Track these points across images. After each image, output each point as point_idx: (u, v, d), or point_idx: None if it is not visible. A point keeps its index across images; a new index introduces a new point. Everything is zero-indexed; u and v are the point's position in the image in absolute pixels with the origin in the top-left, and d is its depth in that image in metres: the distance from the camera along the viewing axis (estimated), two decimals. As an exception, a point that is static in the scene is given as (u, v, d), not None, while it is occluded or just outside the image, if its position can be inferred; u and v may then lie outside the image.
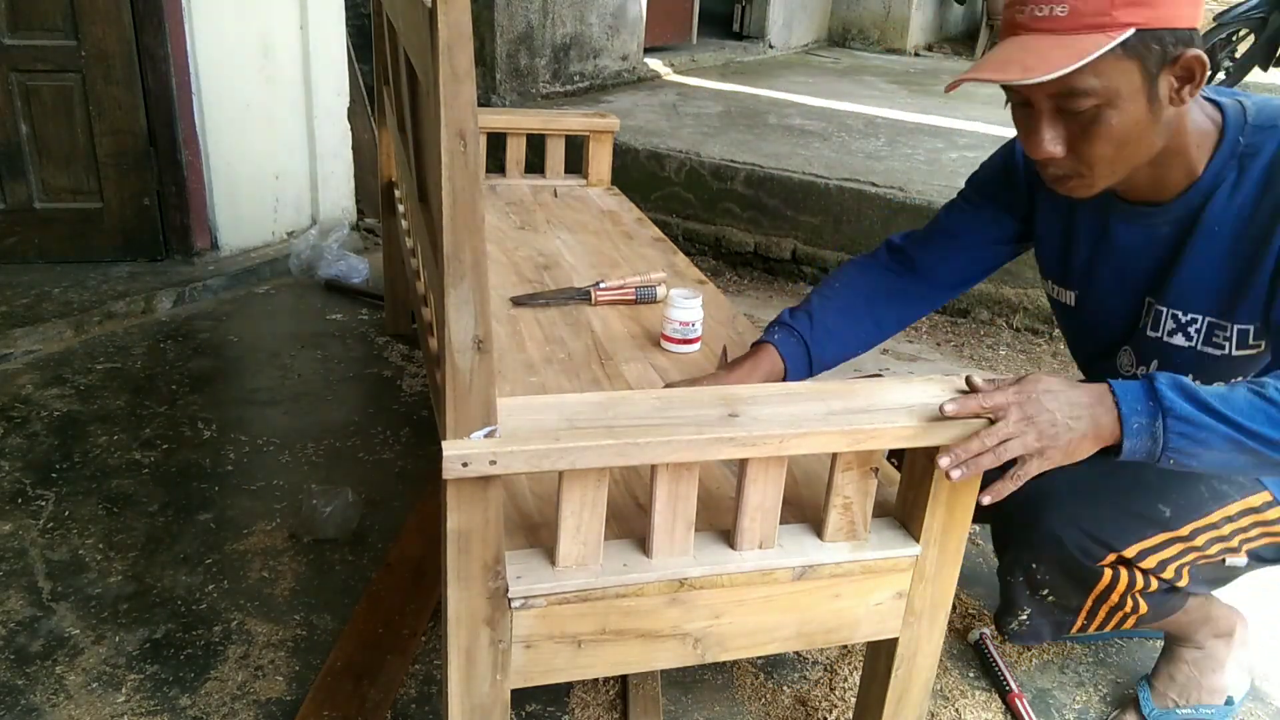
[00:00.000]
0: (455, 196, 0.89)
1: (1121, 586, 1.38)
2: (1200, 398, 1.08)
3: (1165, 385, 1.09)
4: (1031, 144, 1.21)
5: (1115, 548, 1.34)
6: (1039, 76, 1.11)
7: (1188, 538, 1.35)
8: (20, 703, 1.52)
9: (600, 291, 1.87)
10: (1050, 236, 1.48)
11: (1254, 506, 1.38)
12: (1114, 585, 1.38)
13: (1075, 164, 1.21)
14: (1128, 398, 1.09)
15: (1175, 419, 1.07)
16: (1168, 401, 1.07)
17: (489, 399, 0.97)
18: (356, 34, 3.85)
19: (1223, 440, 1.08)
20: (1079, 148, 1.19)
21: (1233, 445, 1.08)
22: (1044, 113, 1.18)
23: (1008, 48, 1.17)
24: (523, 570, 1.10)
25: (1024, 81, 1.13)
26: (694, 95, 5.00)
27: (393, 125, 2.25)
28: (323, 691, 1.55)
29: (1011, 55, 1.14)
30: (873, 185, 3.45)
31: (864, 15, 7.49)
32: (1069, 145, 1.19)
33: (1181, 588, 1.40)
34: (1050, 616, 1.45)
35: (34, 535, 1.92)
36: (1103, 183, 1.23)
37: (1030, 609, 1.43)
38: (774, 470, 1.12)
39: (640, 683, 1.60)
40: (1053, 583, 1.39)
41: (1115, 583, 1.37)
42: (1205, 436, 1.07)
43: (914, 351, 3.09)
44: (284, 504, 2.06)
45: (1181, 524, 1.35)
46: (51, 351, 2.68)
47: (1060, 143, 1.19)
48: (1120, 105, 1.14)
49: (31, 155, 2.99)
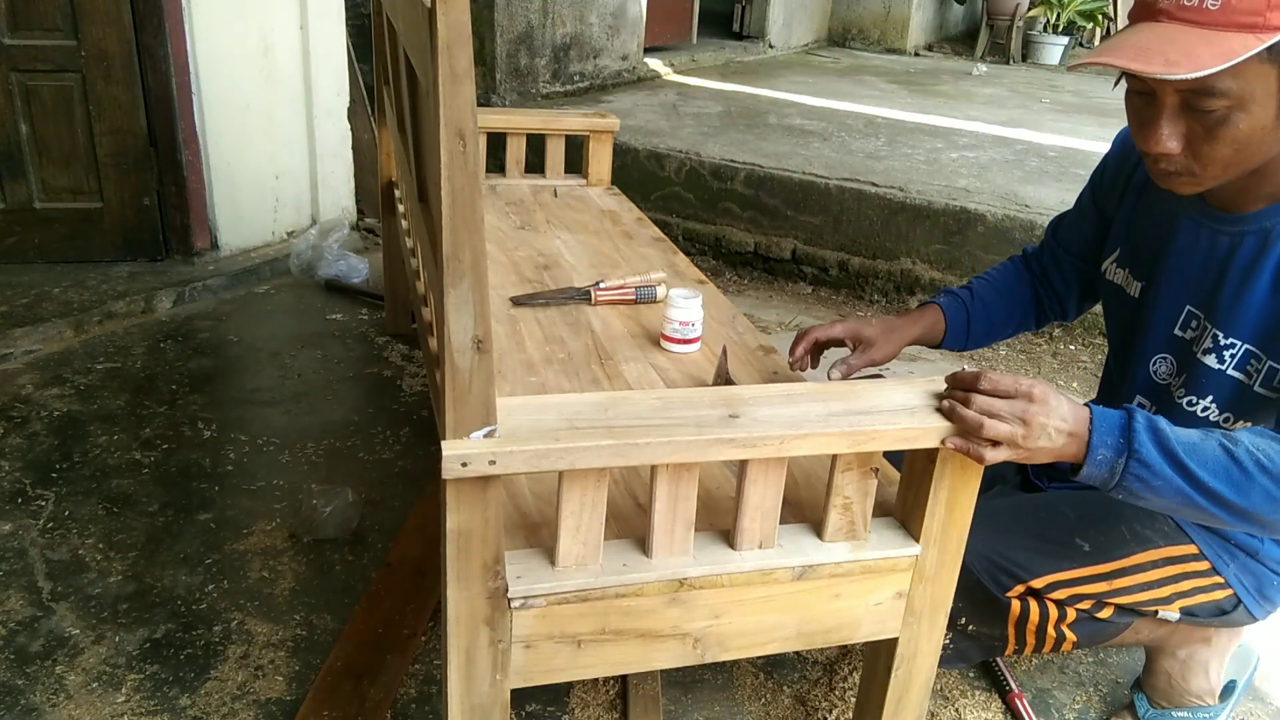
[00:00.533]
0: (455, 196, 0.89)
1: (1034, 618, 1.37)
2: (1169, 447, 1.09)
3: (1141, 427, 1.09)
4: (1147, 137, 1.16)
5: (1023, 578, 1.35)
6: (1185, 73, 1.05)
7: (1109, 576, 1.35)
8: (20, 702, 1.52)
9: (600, 291, 1.87)
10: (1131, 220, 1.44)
11: (1178, 556, 1.37)
12: (1026, 615, 1.38)
13: (1189, 162, 1.17)
14: (1102, 429, 1.10)
15: (1137, 463, 1.09)
16: (1136, 443, 1.09)
17: (489, 399, 0.97)
18: (356, 34, 3.85)
19: (1175, 492, 1.10)
20: (1198, 147, 1.15)
21: (1183, 498, 1.10)
22: (1167, 107, 1.13)
23: (1147, 34, 1.10)
24: (522, 570, 1.10)
25: (1167, 76, 1.07)
26: (694, 95, 5.00)
27: (393, 125, 2.25)
28: (323, 691, 1.55)
29: (1152, 44, 1.08)
30: (873, 185, 3.45)
31: (864, 15, 7.49)
32: (1187, 142, 1.15)
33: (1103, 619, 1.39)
34: (978, 642, 1.45)
35: (34, 535, 1.92)
36: (1211, 183, 1.19)
37: (952, 633, 1.42)
38: (774, 471, 1.12)
39: (640, 683, 1.60)
40: (967, 611, 1.39)
41: (1026, 613, 1.37)
42: (1160, 485, 1.10)
43: (914, 351, 3.09)
44: (284, 504, 2.06)
45: (1101, 561, 1.35)
46: (51, 351, 2.68)
47: (1179, 139, 1.15)
48: (1250, 110, 1.10)
49: (31, 155, 2.99)
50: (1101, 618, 1.39)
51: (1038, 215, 3.13)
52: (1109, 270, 1.49)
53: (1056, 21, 7.43)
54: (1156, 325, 1.38)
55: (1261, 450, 1.10)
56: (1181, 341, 1.35)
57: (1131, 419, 1.10)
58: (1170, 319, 1.36)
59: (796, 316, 3.30)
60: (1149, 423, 1.10)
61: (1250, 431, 1.14)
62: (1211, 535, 1.39)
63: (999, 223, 3.20)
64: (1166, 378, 1.38)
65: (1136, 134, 1.20)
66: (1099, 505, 1.42)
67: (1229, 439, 1.11)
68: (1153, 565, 1.36)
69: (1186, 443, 1.10)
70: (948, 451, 1.14)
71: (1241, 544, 1.38)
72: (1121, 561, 1.36)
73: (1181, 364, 1.35)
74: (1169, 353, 1.37)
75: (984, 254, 3.25)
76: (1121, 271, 1.47)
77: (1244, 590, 1.39)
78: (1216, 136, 1.13)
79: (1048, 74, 6.82)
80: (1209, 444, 1.10)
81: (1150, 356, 1.40)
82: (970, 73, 6.53)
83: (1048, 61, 7.44)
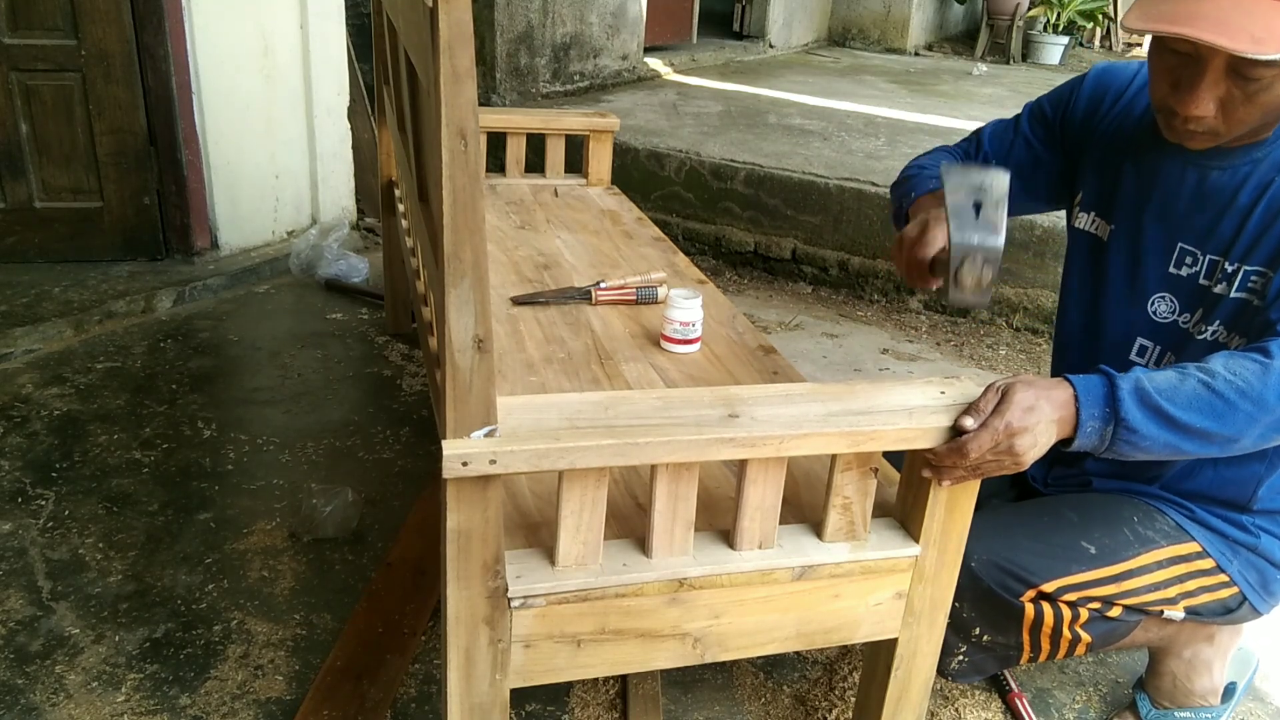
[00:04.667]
0: (455, 196, 0.89)
1: (1049, 621, 1.37)
2: (1153, 401, 1.11)
3: (1126, 393, 1.11)
4: (1184, 99, 1.15)
5: (1034, 582, 1.35)
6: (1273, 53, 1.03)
7: (1117, 578, 1.35)
8: (20, 702, 1.52)
9: (601, 291, 1.87)
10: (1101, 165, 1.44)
11: (1182, 555, 1.38)
12: (1040, 619, 1.38)
13: (1218, 123, 1.17)
14: (1087, 401, 1.12)
15: (1125, 429, 1.11)
16: (1122, 410, 1.11)
17: (489, 398, 0.97)
18: (356, 33, 3.85)
19: (1164, 444, 1.13)
20: (1233, 110, 1.14)
21: (1172, 448, 1.14)
22: (1212, 71, 1.12)
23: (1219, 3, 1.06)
24: (522, 570, 1.10)
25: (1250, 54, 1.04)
26: (694, 95, 5.00)
27: (393, 125, 2.25)
28: (323, 691, 1.55)
29: (1229, 15, 1.05)
30: (873, 185, 3.45)
31: (864, 14, 7.49)
32: (1221, 105, 1.14)
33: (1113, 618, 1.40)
34: (993, 653, 1.45)
35: (34, 535, 1.92)
36: (1228, 138, 1.20)
37: (967, 647, 1.42)
38: (774, 471, 1.12)
39: (640, 682, 1.60)
40: (980, 620, 1.39)
41: (1041, 617, 1.37)
42: (1149, 444, 1.13)
43: (914, 351, 3.09)
44: (284, 503, 2.06)
45: (1108, 563, 1.35)
46: (51, 351, 2.68)
47: (1216, 102, 1.14)
48: None
49: (31, 154, 2.99)
50: (1111, 616, 1.39)
51: (1038, 215, 3.13)
52: (1077, 217, 1.48)
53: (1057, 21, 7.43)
54: (1150, 265, 1.38)
55: (1236, 374, 1.12)
56: (1179, 279, 1.36)
57: (1114, 387, 1.12)
58: (1163, 259, 1.37)
59: (796, 316, 3.30)
60: (1132, 384, 1.12)
61: (1222, 356, 1.16)
62: (1212, 533, 1.40)
63: (999, 223, 3.20)
64: (1169, 315, 1.38)
65: (1169, 93, 1.18)
66: (1099, 507, 1.42)
67: (1205, 372, 1.13)
68: (1158, 566, 1.37)
69: (1167, 389, 1.12)
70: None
71: (1241, 541, 1.39)
72: (1127, 563, 1.36)
73: (1186, 299, 1.35)
74: (1167, 291, 1.37)
75: (984, 254, 3.24)
76: (1086, 215, 1.46)
77: (1248, 586, 1.40)
78: (1255, 102, 1.13)
79: (1048, 74, 6.81)
80: (1188, 384, 1.12)
81: (1148, 298, 1.39)
82: (970, 72, 6.53)
83: (1048, 61, 7.43)
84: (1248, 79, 1.11)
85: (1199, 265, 1.33)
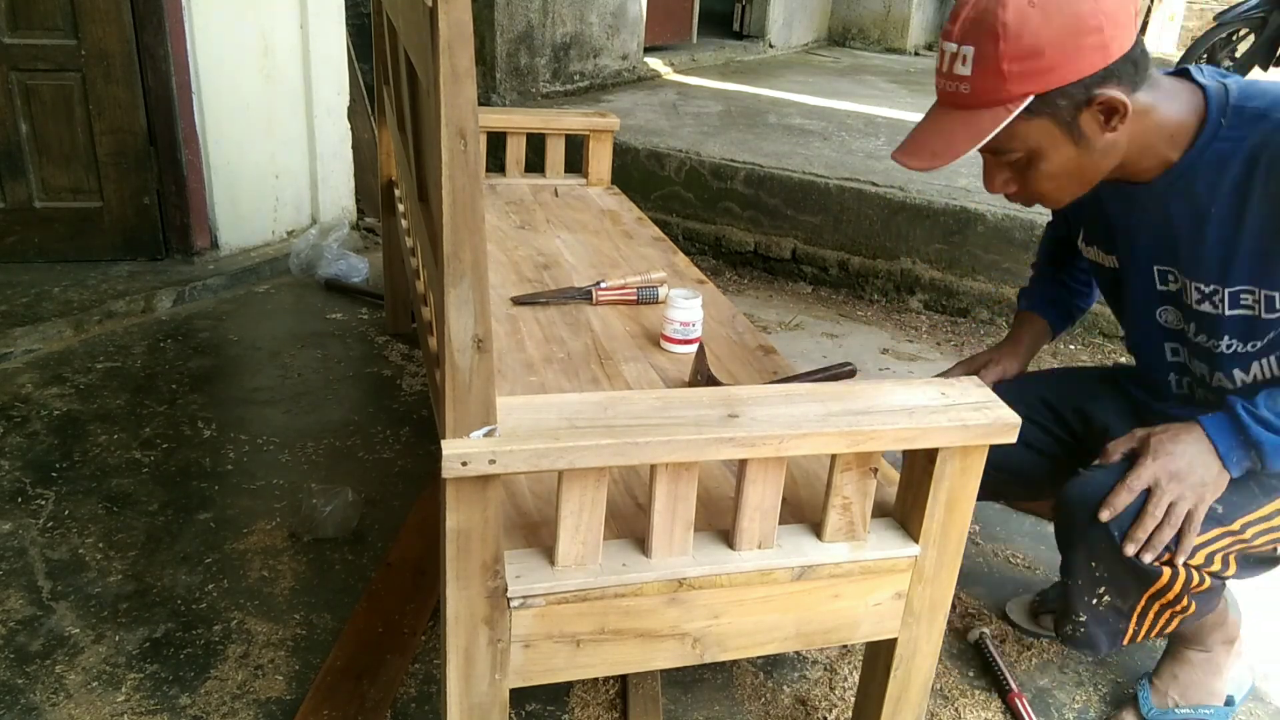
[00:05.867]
0: (455, 196, 0.89)
1: (1179, 585, 1.37)
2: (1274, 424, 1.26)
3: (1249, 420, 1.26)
4: (987, 184, 1.31)
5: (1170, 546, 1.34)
6: (943, 164, 1.21)
7: (1237, 531, 1.36)
8: (20, 702, 1.52)
9: (601, 291, 1.87)
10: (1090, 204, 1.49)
11: None
12: (1171, 584, 1.37)
13: (1028, 197, 1.31)
14: (1222, 440, 1.27)
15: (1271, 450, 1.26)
16: (1255, 435, 1.26)
17: (488, 398, 0.97)
18: (356, 33, 3.85)
19: None
20: (1025, 185, 1.29)
21: None
22: (987, 163, 1.29)
23: (927, 122, 1.25)
24: (522, 570, 1.10)
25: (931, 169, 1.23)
26: (694, 94, 5.00)
27: (393, 124, 2.25)
28: (323, 691, 1.55)
29: (925, 137, 1.24)
30: (873, 185, 3.45)
31: (864, 14, 7.49)
32: (1018, 183, 1.29)
33: (1228, 577, 1.40)
34: (1106, 625, 1.44)
35: (34, 535, 1.92)
36: (1067, 200, 1.32)
37: (1086, 615, 1.42)
38: (773, 471, 1.12)
39: (640, 682, 1.60)
40: (1110, 580, 1.38)
41: (1173, 581, 1.37)
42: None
43: (914, 351, 3.09)
44: (284, 503, 2.06)
45: (1233, 519, 1.35)
46: (51, 351, 2.68)
47: (1011, 182, 1.30)
48: (1047, 154, 1.22)
49: (31, 154, 2.99)
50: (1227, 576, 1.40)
51: (1037, 215, 3.13)
52: (1085, 250, 1.57)
53: (1056, 21, 7.42)
54: (1141, 287, 1.46)
55: None
56: (1170, 294, 1.42)
57: (1239, 419, 1.26)
58: (1149, 280, 1.44)
59: (796, 316, 3.31)
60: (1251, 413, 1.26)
61: None
62: None
63: (999, 222, 3.20)
64: (1177, 324, 1.44)
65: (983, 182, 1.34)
66: None
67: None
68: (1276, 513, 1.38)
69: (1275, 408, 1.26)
70: (948, 451, 1.14)
71: None
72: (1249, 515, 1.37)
73: (1182, 313, 1.41)
74: (1166, 304, 1.44)
75: (984, 253, 3.25)
76: (1092, 249, 1.54)
77: None
78: (1029, 178, 1.27)
79: (1048, 74, 6.81)
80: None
81: (1154, 310, 1.46)
82: (970, 72, 6.52)
83: (1048, 61, 7.42)
84: (1007, 161, 1.25)
85: (1180, 283, 1.39)
